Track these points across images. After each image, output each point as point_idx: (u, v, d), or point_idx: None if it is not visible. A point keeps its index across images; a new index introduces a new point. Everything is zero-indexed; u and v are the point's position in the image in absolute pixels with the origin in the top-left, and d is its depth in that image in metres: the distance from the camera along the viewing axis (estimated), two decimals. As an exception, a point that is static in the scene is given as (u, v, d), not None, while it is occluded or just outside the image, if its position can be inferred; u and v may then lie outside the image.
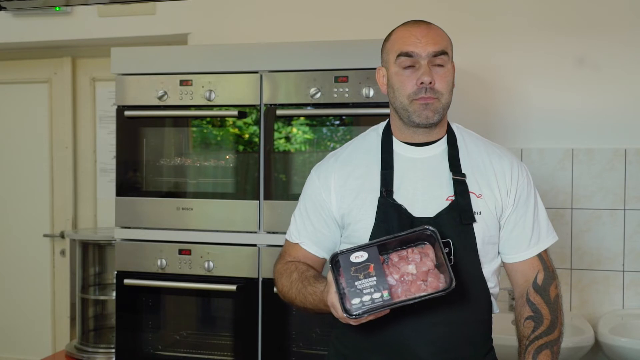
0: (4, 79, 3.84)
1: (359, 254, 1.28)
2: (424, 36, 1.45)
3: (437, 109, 1.46)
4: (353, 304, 1.24)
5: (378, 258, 1.27)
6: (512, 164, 1.55)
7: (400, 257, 1.29)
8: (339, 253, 1.28)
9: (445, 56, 1.46)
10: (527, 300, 1.52)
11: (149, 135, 2.56)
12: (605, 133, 2.78)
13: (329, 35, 2.77)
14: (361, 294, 1.24)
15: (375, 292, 1.24)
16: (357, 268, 1.26)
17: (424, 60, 1.44)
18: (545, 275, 1.54)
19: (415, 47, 1.45)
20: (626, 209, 2.76)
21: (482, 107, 2.90)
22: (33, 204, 3.81)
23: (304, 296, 1.45)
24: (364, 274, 1.25)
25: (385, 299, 1.23)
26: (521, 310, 1.53)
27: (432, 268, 1.27)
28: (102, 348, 3.05)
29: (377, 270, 1.26)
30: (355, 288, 1.24)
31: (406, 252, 1.30)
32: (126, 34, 3.32)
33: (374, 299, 1.23)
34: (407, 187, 1.49)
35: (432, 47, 1.44)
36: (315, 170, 1.62)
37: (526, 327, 1.51)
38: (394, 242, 1.30)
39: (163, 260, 2.49)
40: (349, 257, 1.27)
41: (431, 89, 1.44)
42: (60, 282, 3.74)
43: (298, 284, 1.48)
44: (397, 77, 1.48)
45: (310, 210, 1.58)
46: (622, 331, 2.50)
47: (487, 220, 1.49)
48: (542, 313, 1.50)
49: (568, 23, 2.82)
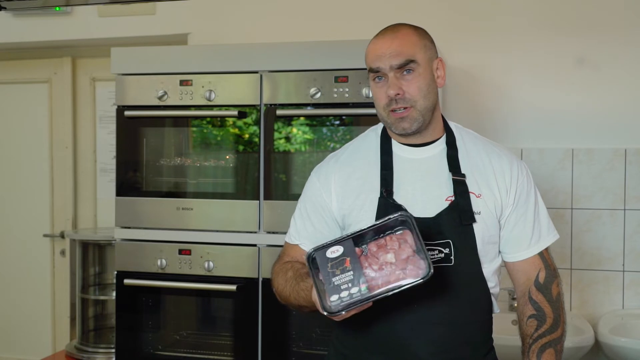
0: (4, 79, 3.84)
1: (335, 249, 1.26)
2: (388, 48, 1.45)
3: (414, 118, 1.47)
4: (332, 300, 1.22)
5: (354, 251, 1.26)
6: (512, 163, 1.54)
7: (379, 245, 1.27)
8: (314, 249, 1.27)
9: (413, 63, 1.45)
10: (530, 299, 1.52)
11: (149, 135, 2.56)
12: (605, 133, 2.78)
13: (329, 35, 2.77)
14: (339, 290, 1.23)
15: (353, 286, 1.22)
16: (333, 263, 1.25)
17: (390, 72, 1.45)
18: (547, 274, 1.54)
19: (380, 62, 1.45)
20: (626, 209, 2.76)
21: (481, 107, 2.90)
22: (33, 204, 3.81)
23: (297, 292, 1.45)
24: (340, 268, 1.24)
25: (363, 293, 1.22)
26: (523, 308, 1.53)
27: (412, 254, 1.25)
28: (102, 348, 3.05)
29: (353, 263, 1.24)
30: (332, 284, 1.23)
31: (384, 240, 1.28)
32: (126, 34, 3.32)
33: (352, 294, 1.22)
34: (407, 187, 1.49)
35: (395, 59, 1.44)
36: (316, 171, 1.62)
37: (529, 326, 1.51)
38: (370, 232, 1.28)
39: (163, 260, 2.49)
40: (325, 252, 1.26)
41: (401, 98, 1.45)
42: (60, 282, 3.74)
43: (292, 282, 1.48)
44: (373, 90, 1.51)
45: (311, 211, 1.59)
46: (622, 331, 2.50)
47: (487, 220, 1.49)
48: (545, 311, 1.50)
49: (568, 23, 2.82)
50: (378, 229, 1.28)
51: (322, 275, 1.25)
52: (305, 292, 1.41)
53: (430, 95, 1.48)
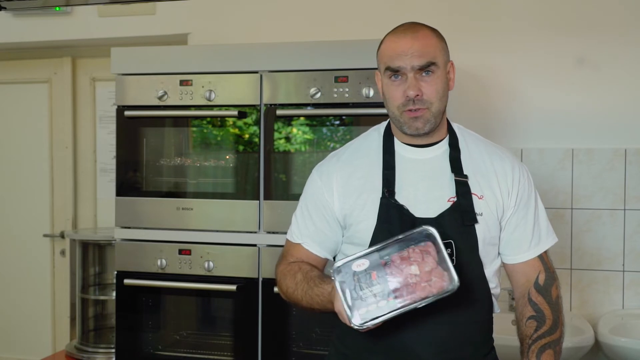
0: (4, 79, 3.84)
1: (361, 262, 1.28)
2: (410, 48, 1.44)
3: (427, 120, 1.46)
4: (360, 313, 1.24)
5: (379, 264, 1.27)
6: (514, 165, 1.55)
7: (402, 257, 1.29)
8: (341, 264, 1.29)
9: (434, 66, 1.45)
10: (529, 300, 1.52)
11: (149, 135, 2.56)
12: (605, 133, 2.78)
13: (329, 35, 2.77)
14: (367, 303, 1.25)
15: (381, 299, 1.25)
16: (359, 277, 1.26)
17: (410, 72, 1.44)
18: (547, 276, 1.54)
19: (401, 62, 1.44)
20: (626, 209, 2.76)
21: (482, 107, 2.90)
22: (33, 204, 3.81)
23: (311, 297, 1.45)
24: (367, 282, 1.26)
25: (391, 306, 1.24)
26: (523, 310, 1.53)
27: (435, 267, 1.27)
28: (102, 348, 3.05)
29: (380, 277, 1.26)
30: (360, 298, 1.25)
31: (407, 252, 1.29)
32: (126, 34, 3.32)
33: (380, 307, 1.24)
34: (409, 187, 1.49)
35: (417, 60, 1.43)
36: (317, 170, 1.62)
37: (528, 327, 1.51)
38: (394, 244, 1.30)
39: (163, 260, 2.49)
40: (351, 266, 1.28)
41: (419, 100, 1.44)
42: (60, 282, 3.74)
43: (303, 285, 1.47)
44: (387, 87, 1.49)
45: (312, 210, 1.58)
46: (622, 331, 2.50)
47: (489, 221, 1.49)
48: (545, 313, 1.50)
49: (568, 23, 2.82)
50: (402, 241, 1.30)
51: (348, 288, 1.26)
52: (321, 297, 1.41)
53: (444, 98, 1.48)
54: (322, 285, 1.42)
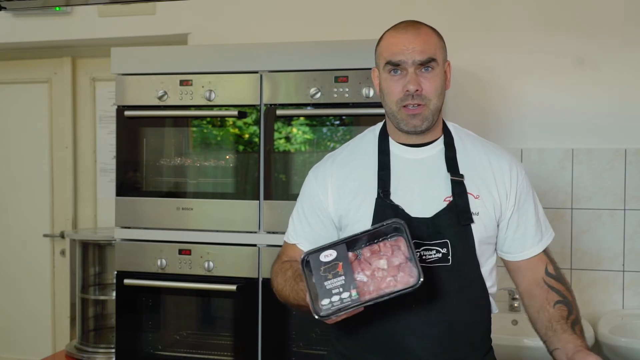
0: (4, 79, 3.84)
1: (328, 253, 1.27)
2: (411, 43, 1.44)
3: (425, 117, 1.47)
4: (322, 304, 1.23)
5: (347, 256, 1.26)
6: (511, 164, 1.55)
7: (372, 251, 1.28)
8: (308, 253, 1.28)
9: (434, 62, 1.46)
10: (551, 288, 1.52)
11: (149, 135, 2.56)
12: (605, 133, 2.78)
13: (329, 35, 2.77)
14: (330, 294, 1.23)
15: (344, 291, 1.23)
16: (326, 267, 1.25)
17: (411, 67, 1.44)
18: (555, 266, 1.57)
19: (402, 56, 1.44)
20: (626, 209, 2.76)
21: (481, 107, 2.90)
22: (33, 204, 3.81)
23: (296, 292, 1.45)
24: (332, 273, 1.25)
25: (353, 298, 1.23)
26: (547, 295, 1.52)
27: (405, 261, 1.26)
28: (102, 348, 3.05)
29: (345, 268, 1.25)
30: (324, 288, 1.24)
31: (378, 246, 1.29)
32: (126, 34, 3.32)
33: (343, 299, 1.23)
34: (404, 188, 1.49)
35: (419, 55, 1.44)
36: (313, 171, 1.62)
37: (560, 310, 1.49)
38: (364, 237, 1.29)
39: (163, 260, 2.49)
40: (319, 256, 1.26)
41: (418, 95, 1.44)
42: (60, 282, 3.74)
43: (291, 281, 1.48)
44: (386, 82, 1.49)
45: (308, 211, 1.59)
46: (622, 331, 2.50)
47: (485, 221, 1.49)
48: (570, 300, 1.52)
49: (567, 23, 2.82)
50: (372, 234, 1.29)
51: (315, 278, 1.25)
52: (303, 293, 1.40)
53: (442, 96, 1.49)
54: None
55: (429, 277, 1.37)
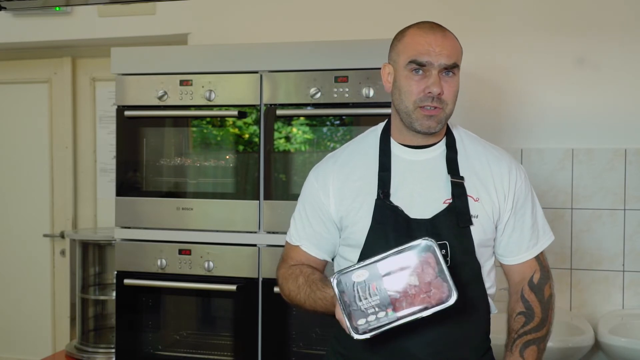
0: (4, 79, 3.84)
1: (360, 273, 1.28)
2: (439, 46, 1.43)
3: (440, 119, 1.46)
4: (359, 324, 1.24)
5: (379, 274, 1.27)
6: (511, 167, 1.54)
7: (402, 268, 1.29)
8: (340, 273, 1.29)
9: (456, 68, 1.45)
10: (521, 297, 1.54)
11: (149, 135, 2.56)
12: (605, 133, 2.78)
13: (329, 36, 2.77)
14: (366, 314, 1.25)
15: (380, 311, 1.25)
16: (359, 287, 1.27)
17: (435, 69, 1.43)
18: (542, 275, 1.56)
19: (429, 57, 1.43)
20: (626, 209, 2.76)
21: (481, 107, 2.90)
22: (33, 204, 3.81)
23: (314, 301, 1.45)
24: (367, 293, 1.26)
25: (390, 317, 1.24)
26: (514, 305, 1.56)
27: (435, 277, 1.27)
28: (102, 348, 3.05)
29: (379, 288, 1.26)
30: (359, 309, 1.25)
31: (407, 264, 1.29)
32: (126, 34, 3.32)
33: (379, 318, 1.24)
34: (405, 189, 1.49)
35: (445, 59, 1.43)
36: (314, 172, 1.62)
37: (517, 322, 1.54)
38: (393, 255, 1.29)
39: (163, 260, 2.49)
40: (351, 276, 1.28)
41: (438, 98, 1.44)
42: (60, 282, 3.74)
43: (306, 289, 1.48)
44: (406, 80, 1.46)
45: (309, 212, 1.58)
46: (622, 331, 2.50)
47: (484, 223, 1.49)
48: (535, 311, 1.53)
49: (567, 23, 2.82)
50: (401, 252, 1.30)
51: (347, 298, 1.27)
52: (324, 301, 1.42)
53: (455, 101, 1.49)
54: (324, 289, 1.43)
55: None
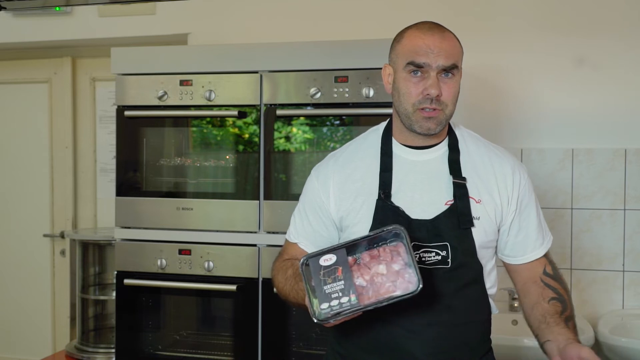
0: (4, 79, 3.84)
1: (328, 257, 1.27)
2: (437, 47, 1.42)
3: (440, 121, 1.45)
4: (322, 308, 1.24)
5: (346, 260, 1.27)
6: (514, 168, 1.54)
7: (372, 256, 1.28)
8: (308, 256, 1.28)
9: (456, 69, 1.44)
10: (547, 285, 1.53)
11: (149, 135, 2.56)
12: (605, 133, 2.78)
13: (329, 36, 2.77)
14: (329, 299, 1.24)
15: (343, 296, 1.24)
16: (325, 272, 1.26)
17: (434, 71, 1.42)
18: (553, 267, 1.57)
19: (427, 58, 1.42)
20: (626, 209, 2.76)
21: (481, 108, 2.90)
22: (33, 204, 3.81)
23: (296, 292, 1.46)
24: (332, 277, 1.26)
25: (352, 303, 1.24)
26: (542, 292, 1.52)
27: (404, 267, 1.27)
28: (102, 348, 3.05)
29: (345, 273, 1.26)
30: (323, 292, 1.25)
31: (377, 251, 1.29)
32: (126, 34, 3.32)
33: (342, 304, 1.24)
34: (406, 190, 1.49)
35: (444, 60, 1.42)
36: (315, 171, 1.62)
37: (554, 306, 1.50)
38: (364, 242, 1.29)
39: (163, 260, 2.49)
40: (318, 260, 1.27)
41: (437, 100, 1.43)
42: (60, 282, 3.74)
43: (291, 280, 1.48)
44: (404, 82, 1.45)
45: (309, 211, 1.59)
46: (622, 331, 2.50)
47: (486, 225, 1.49)
48: (565, 298, 1.52)
49: (568, 23, 2.82)
50: (372, 239, 1.29)
51: (314, 282, 1.26)
52: (303, 292, 1.40)
53: (456, 102, 1.48)
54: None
55: (427, 279, 1.37)
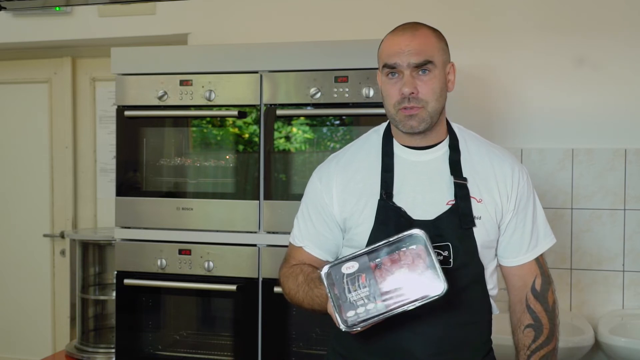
0: (4, 79, 3.84)
1: (350, 265, 1.28)
2: (407, 45, 1.43)
3: (422, 118, 1.45)
4: (348, 316, 1.25)
5: (369, 267, 1.27)
6: (514, 168, 1.54)
7: (392, 260, 1.28)
8: (330, 265, 1.29)
9: (430, 64, 1.44)
10: (527, 308, 1.53)
11: (149, 135, 2.56)
12: (605, 133, 2.78)
13: (329, 35, 2.77)
14: (355, 306, 1.25)
15: (369, 303, 1.25)
16: (349, 279, 1.27)
17: (407, 70, 1.43)
18: (543, 281, 1.55)
19: (398, 58, 1.43)
20: (626, 209, 2.76)
21: (481, 108, 2.90)
22: (33, 204, 3.81)
23: (312, 299, 1.45)
24: (356, 284, 1.26)
25: (379, 309, 1.24)
26: (521, 317, 1.54)
27: (425, 270, 1.27)
28: (102, 348, 3.05)
29: (369, 279, 1.26)
30: (348, 300, 1.25)
31: (398, 255, 1.29)
32: (126, 34, 3.32)
33: (368, 310, 1.24)
34: (407, 190, 1.49)
35: (414, 57, 1.43)
36: (317, 172, 1.61)
37: (526, 336, 1.52)
38: (384, 247, 1.30)
39: (163, 260, 2.49)
40: (340, 268, 1.28)
41: (414, 98, 1.43)
42: (60, 282, 3.74)
43: (304, 287, 1.48)
44: (384, 85, 1.48)
45: (313, 213, 1.58)
46: (622, 331, 2.50)
47: (487, 225, 1.49)
48: (542, 322, 1.52)
49: (568, 23, 2.82)
50: (392, 243, 1.30)
51: (337, 290, 1.27)
52: (320, 299, 1.41)
53: (442, 98, 1.47)
54: (322, 287, 1.42)
55: None
